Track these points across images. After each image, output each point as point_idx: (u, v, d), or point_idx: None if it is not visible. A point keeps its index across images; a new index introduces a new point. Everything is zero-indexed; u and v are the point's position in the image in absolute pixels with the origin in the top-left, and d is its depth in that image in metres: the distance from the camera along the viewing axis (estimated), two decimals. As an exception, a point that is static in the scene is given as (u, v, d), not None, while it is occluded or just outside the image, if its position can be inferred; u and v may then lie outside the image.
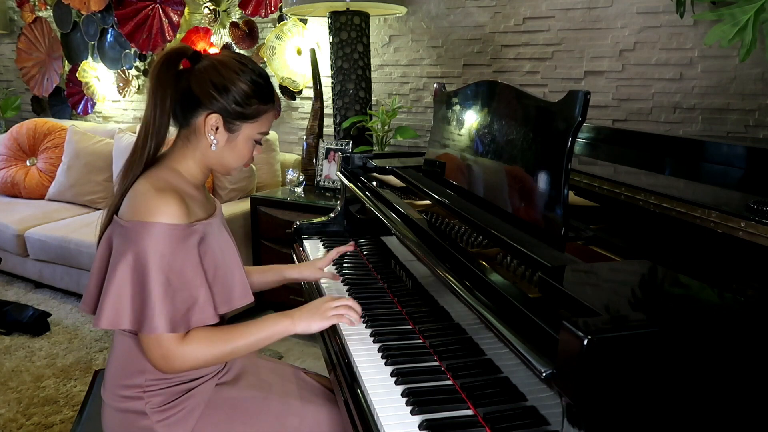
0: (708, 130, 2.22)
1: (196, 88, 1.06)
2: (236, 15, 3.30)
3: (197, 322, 1.01)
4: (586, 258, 0.95)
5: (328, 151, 2.77)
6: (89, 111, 4.14)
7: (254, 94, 1.08)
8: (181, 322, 0.99)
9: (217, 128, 1.08)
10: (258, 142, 1.14)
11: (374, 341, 1.14)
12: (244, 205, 2.79)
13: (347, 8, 2.54)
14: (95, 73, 4.01)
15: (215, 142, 1.08)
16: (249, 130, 1.11)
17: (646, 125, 2.33)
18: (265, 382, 1.21)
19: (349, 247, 1.45)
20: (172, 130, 1.12)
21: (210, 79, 1.06)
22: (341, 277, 1.48)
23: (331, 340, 1.21)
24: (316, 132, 2.85)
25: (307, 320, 1.10)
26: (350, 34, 2.58)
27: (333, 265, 1.61)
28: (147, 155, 1.07)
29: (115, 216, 1.04)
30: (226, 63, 1.07)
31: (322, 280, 1.50)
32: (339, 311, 1.12)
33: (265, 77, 1.12)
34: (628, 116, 2.36)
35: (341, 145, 2.72)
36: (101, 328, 1.02)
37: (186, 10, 3.45)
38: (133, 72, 3.85)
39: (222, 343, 1.03)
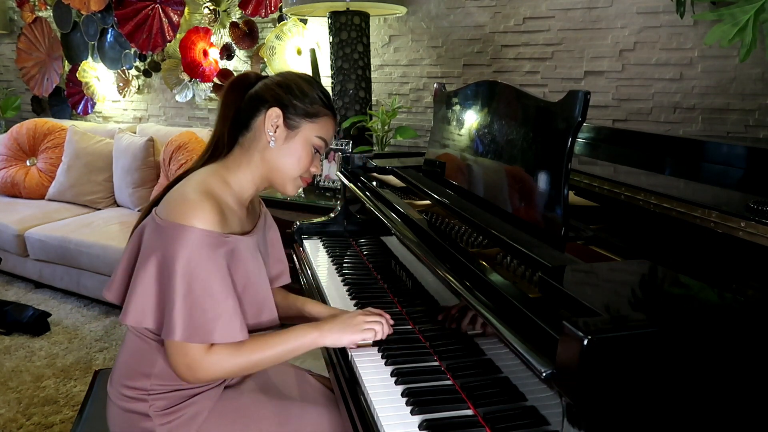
0: (708, 130, 2.22)
1: (260, 90, 1.11)
2: (236, 15, 3.30)
3: (221, 338, 0.98)
4: (586, 258, 0.95)
5: (328, 151, 2.77)
6: (89, 111, 4.14)
7: (315, 94, 1.12)
8: (198, 333, 0.96)
9: (278, 125, 1.09)
10: (317, 151, 1.14)
11: (374, 341, 1.14)
12: (244, 205, 2.78)
13: (347, 8, 2.54)
14: (95, 73, 4.01)
15: (273, 138, 1.09)
16: (308, 131, 1.11)
17: (646, 125, 2.33)
18: (268, 384, 1.21)
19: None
20: None
21: (275, 81, 1.12)
22: (340, 276, 1.48)
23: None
24: (316, 132, 2.85)
25: (339, 333, 1.06)
26: (350, 34, 2.58)
27: (333, 265, 1.61)
28: (205, 162, 1.12)
29: (153, 210, 1.04)
30: (292, 72, 1.15)
31: (321, 279, 1.50)
32: (373, 325, 1.08)
33: (326, 89, 1.16)
34: (628, 116, 2.36)
35: (341, 145, 2.72)
36: (126, 324, 1.02)
37: (186, 10, 3.45)
38: (133, 72, 3.85)
39: (248, 353, 1.01)
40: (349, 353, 1.11)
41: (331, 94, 2.73)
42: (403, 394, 0.96)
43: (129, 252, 1.07)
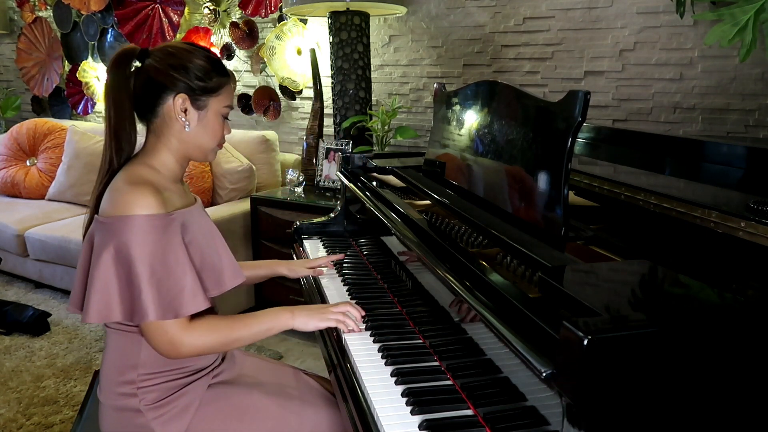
0: (708, 130, 2.22)
1: (157, 75, 1.09)
2: (236, 15, 3.30)
3: (189, 310, 1.02)
4: (586, 258, 0.95)
5: (328, 151, 2.77)
6: (89, 111, 4.14)
7: (212, 68, 1.11)
8: (170, 309, 1.00)
9: (186, 109, 1.10)
10: (225, 117, 1.16)
11: (374, 341, 1.14)
12: (244, 205, 2.79)
13: (347, 8, 2.54)
14: (95, 73, 4.01)
15: (187, 123, 1.10)
16: (215, 104, 1.13)
17: (646, 125, 2.33)
18: (264, 382, 1.21)
19: (340, 256, 1.48)
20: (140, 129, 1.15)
21: (168, 63, 1.09)
22: (340, 276, 1.48)
23: (331, 340, 1.21)
24: (316, 132, 2.86)
25: (306, 317, 1.13)
26: (350, 34, 2.58)
27: (333, 264, 1.61)
28: (115, 158, 1.10)
29: (95, 215, 1.06)
30: (176, 47, 1.12)
31: (322, 279, 1.50)
32: (338, 317, 1.15)
33: (214, 54, 1.16)
34: (628, 116, 2.36)
35: (341, 145, 2.72)
36: (90, 323, 1.02)
37: (186, 10, 3.45)
38: (133, 72, 3.84)
39: (226, 331, 1.06)
40: (350, 354, 1.11)
41: (331, 94, 2.74)
42: (403, 394, 0.96)
43: (83, 261, 1.09)
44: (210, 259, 1.11)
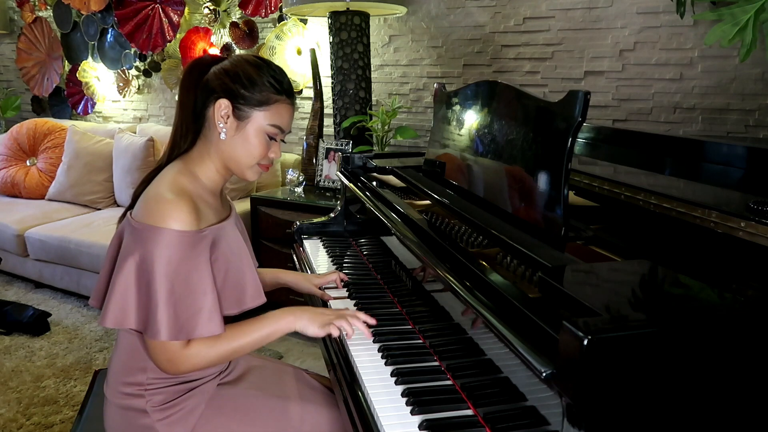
0: (708, 130, 2.22)
1: (211, 79, 1.09)
2: (236, 15, 3.30)
3: (202, 333, 1.00)
4: (586, 258, 0.95)
5: (328, 151, 2.77)
6: (89, 111, 4.14)
7: (265, 81, 1.08)
8: (183, 331, 0.98)
9: (228, 116, 1.07)
10: (272, 138, 1.11)
11: (374, 341, 1.14)
12: (244, 205, 2.79)
13: (347, 8, 2.54)
14: (95, 73, 4.01)
15: (224, 129, 1.07)
16: (260, 119, 1.08)
17: (646, 125, 2.33)
18: (266, 382, 1.21)
19: (343, 276, 1.43)
20: None
21: (224, 68, 1.09)
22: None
23: (331, 339, 1.21)
24: (316, 132, 2.86)
25: (308, 321, 1.10)
26: (350, 34, 2.58)
27: (333, 265, 1.61)
28: (168, 157, 1.11)
29: (129, 214, 1.05)
30: (244, 57, 1.11)
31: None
32: (341, 323, 1.11)
33: (281, 70, 1.12)
34: (628, 116, 2.36)
35: (341, 145, 2.72)
36: (106, 327, 1.02)
37: (186, 10, 3.45)
38: (133, 72, 3.85)
39: (225, 342, 1.04)
40: (350, 354, 1.11)
41: (331, 94, 2.74)
42: (403, 394, 0.96)
43: (110, 258, 1.08)
44: (234, 277, 1.09)
